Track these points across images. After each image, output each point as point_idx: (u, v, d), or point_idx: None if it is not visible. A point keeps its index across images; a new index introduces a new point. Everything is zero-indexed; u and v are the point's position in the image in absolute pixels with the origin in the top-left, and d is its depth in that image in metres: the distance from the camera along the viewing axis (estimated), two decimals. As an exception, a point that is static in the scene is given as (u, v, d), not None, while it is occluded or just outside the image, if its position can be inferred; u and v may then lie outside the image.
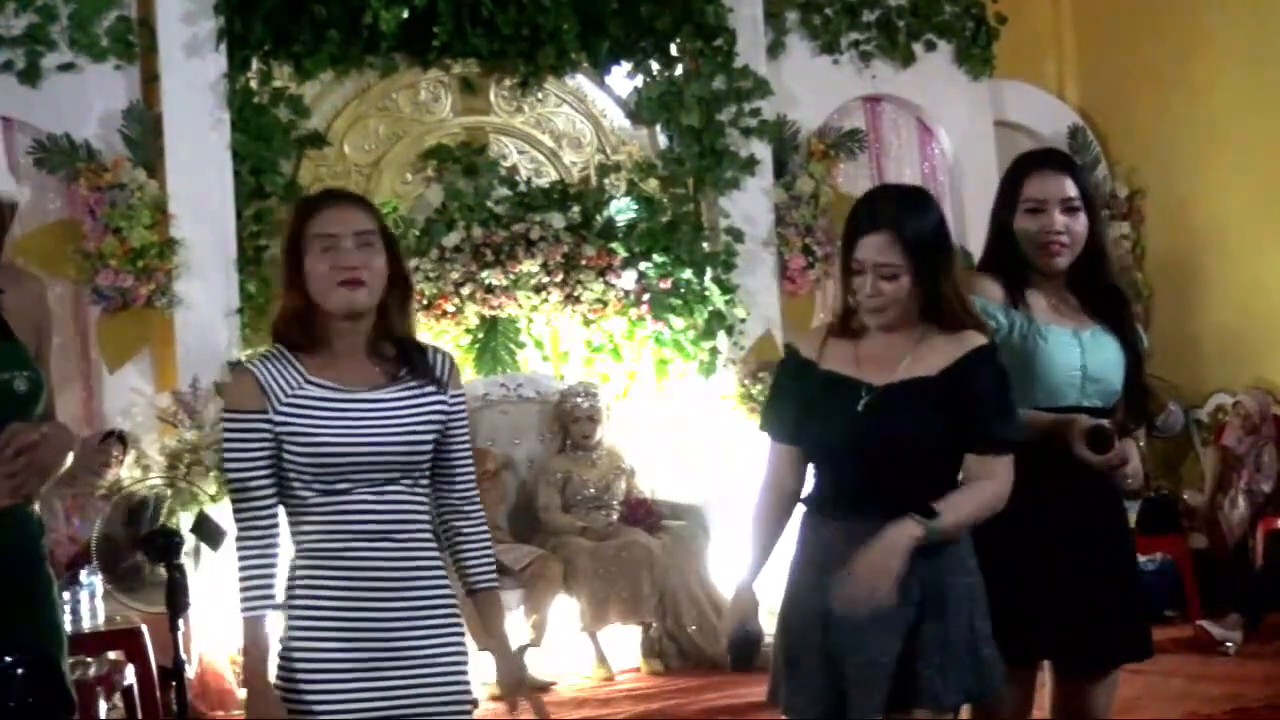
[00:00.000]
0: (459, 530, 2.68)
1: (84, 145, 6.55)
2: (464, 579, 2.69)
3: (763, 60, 7.57)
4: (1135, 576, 3.10)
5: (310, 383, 2.58)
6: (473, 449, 2.75)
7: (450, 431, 2.64)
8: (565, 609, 6.21)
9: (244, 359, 6.53)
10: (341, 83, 7.17)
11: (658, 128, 7.57)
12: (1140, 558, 7.03)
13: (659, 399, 7.32)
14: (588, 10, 7.22)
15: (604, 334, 7.28)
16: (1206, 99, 7.79)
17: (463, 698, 2.62)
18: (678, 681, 6.01)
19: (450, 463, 2.66)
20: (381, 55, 7.02)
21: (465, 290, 6.90)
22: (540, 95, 7.48)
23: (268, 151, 6.81)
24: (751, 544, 2.85)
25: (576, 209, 7.14)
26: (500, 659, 2.67)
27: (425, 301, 6.76)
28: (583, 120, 7.58)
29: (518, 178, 7.30)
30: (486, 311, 7.04)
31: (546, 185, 7.29)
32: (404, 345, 2.63)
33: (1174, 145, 8.06)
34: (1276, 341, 7.44)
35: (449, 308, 6.94)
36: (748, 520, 2.88)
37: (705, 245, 7.34)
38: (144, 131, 6.64)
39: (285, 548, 2.65)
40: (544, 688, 5.97)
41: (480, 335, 7.13)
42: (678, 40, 7.48)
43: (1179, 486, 7.76)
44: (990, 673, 2.70)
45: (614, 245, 7.11)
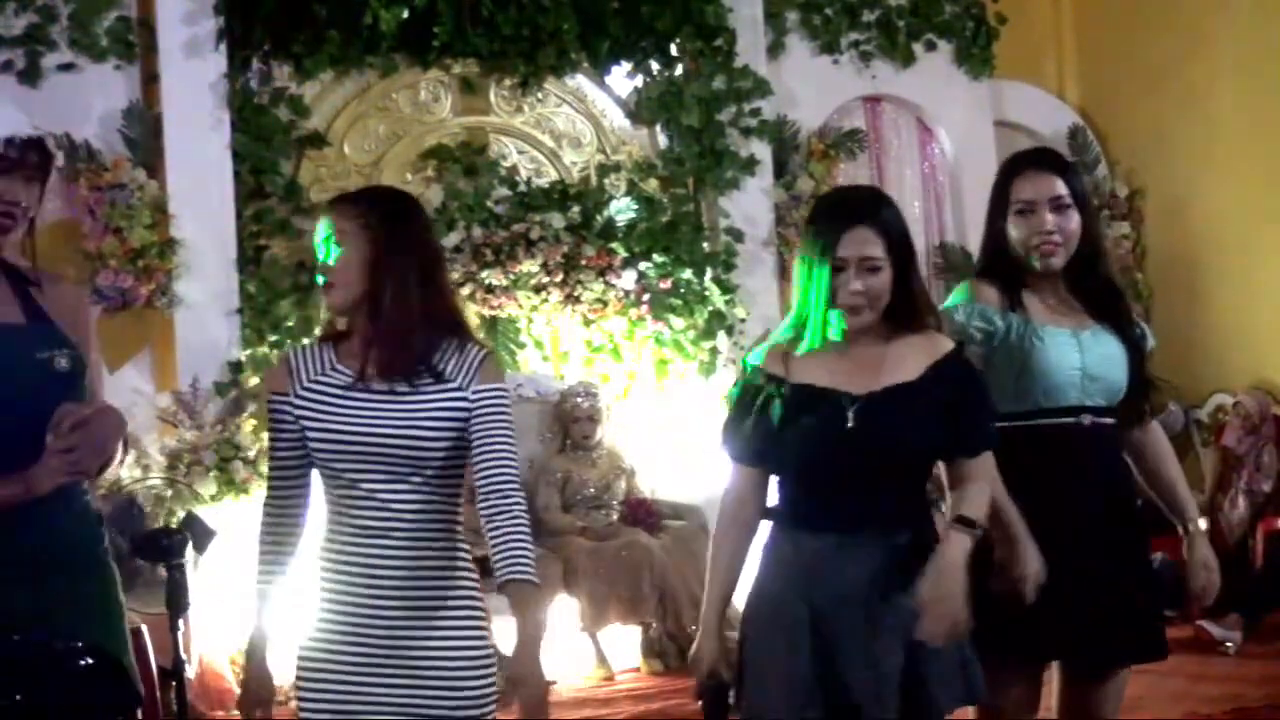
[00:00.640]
0: (491, 525, 2.57)
1: (84, 145, 6.55)
2: (495, 573, 2.58)
3: (763, 60, 7.57)
4: (1150, 576, 3.09)
5: (334, 370, 2.63)
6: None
7: (475, 428, 2.57)
8: (565, 609, 6.21)
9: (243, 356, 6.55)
10: (341, 83, 7.17)
11: (658, 128, 7.57)
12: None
13: (659, 399, 7.31)
14: (588, 10, 7.22)
15: (604, 334, 7.28)
16: (1206, 99, 7.79)
17: (466, 700, 2.58)
18: (677, 681, 6.00)
19: (479, 459, 2.57)
20: (381, 55, 7.02)
21: (465, 290, 6.90)
22: (540, 95, 7.48)
23: (268, 151, 6.82)
24: (717, 577, 2.72)
25: (576, 209, 7.14)
26: (513, 655, 2.55)
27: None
28: (583, 120, 7.58)
29: (518, 178, 7.30)
30: (486, 311, 7.04)
31: (546, 185, 7.29)
32: (405, 332, 2.58)
33: (1174, 145, 8.06)
34: (1276, 341, 7.44)
35: (449, 307, 6.93)
36: (712, 555, 2.73)
37: (705, 245, 7.35)
38: (144, 131, 6.64)
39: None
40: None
41: (480, 335, 7.12)
42: (678, 40, 7.48)
43: (1179, 487, 7.74)
44: (975, 674, 2.69)
45: (614, 245, 7.11)
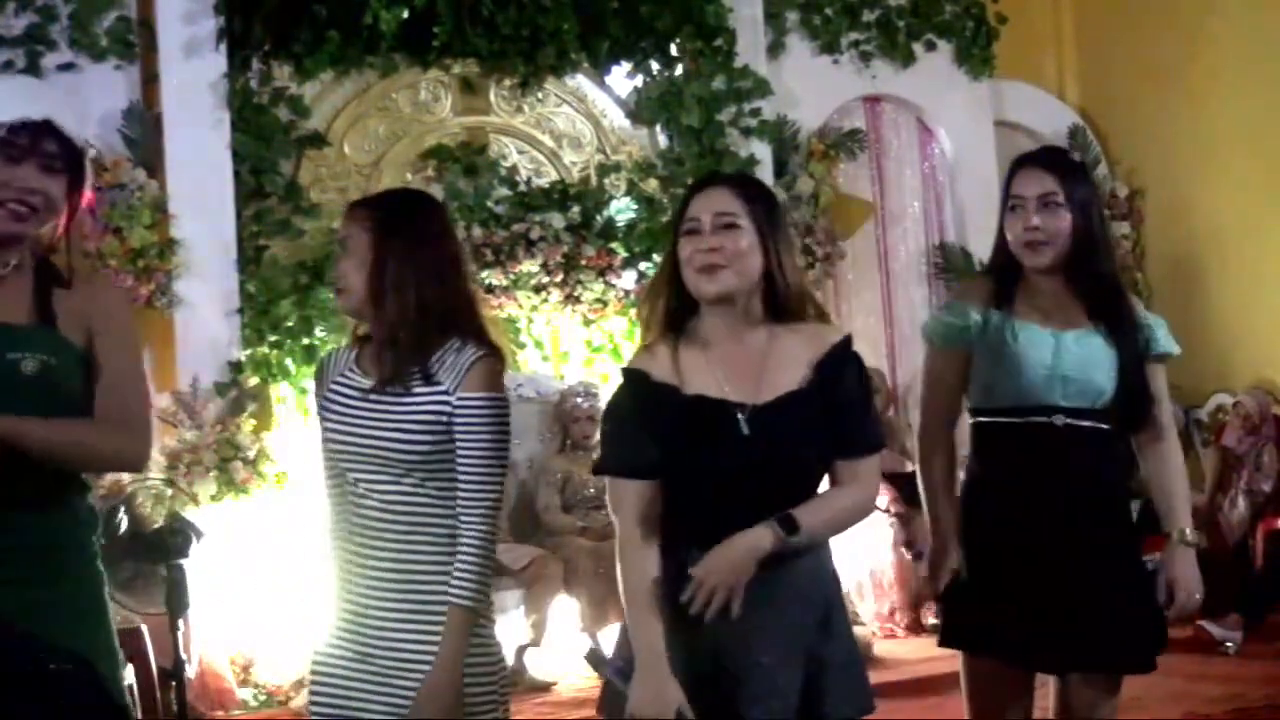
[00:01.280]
0: (458, 538, 2.56)
1: (84, 145, 6.53)
2: None
3: (763, 60, 7.57)
4: (1140, 581, 3.02)
5: (351, 372, 2.65)
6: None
7: (455, 434, 2.55)
8: (565, 609, 6.21)
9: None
10: (341, 83, 7.17)
11: (658, 128, 7.57)
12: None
13: (659, 399, 7.30)
14: (588, 10, 7.22)
15: (604, 334, 7.28)
16: (1206, 99, 7.79)
17: (464, 700, 2.55)
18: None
19: (456, 466, 2.55)
20: (381, 55, 7.02)
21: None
22: (540, 95, 7.48)
23: (268, 151, 6.82)
24: (644, 610, 2.44)
25: (576, 209, 7.14)
26: (426, 677, 2.49)
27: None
28: (583, 120, 7.58)
29: (518, 178, 7.30)
30: (486, 312, 7.03)
31: (546, 185, 7.30)
32: (398, 336, 2.58)
33: (1174, 145, 8.06)
34: (1276, 341, 7.44)
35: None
36: (629, 587, 2.47)
37: (705, 245, 7.34)
38: (144, 131, 6.64)
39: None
40: (545, 687, 5.99)
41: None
42: (678, 40, 7.48)
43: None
44: (867, 685, 2.57)
45: (614, 245, 7.11)
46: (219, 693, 5.87)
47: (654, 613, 2.43)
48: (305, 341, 6.60)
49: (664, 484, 2.49)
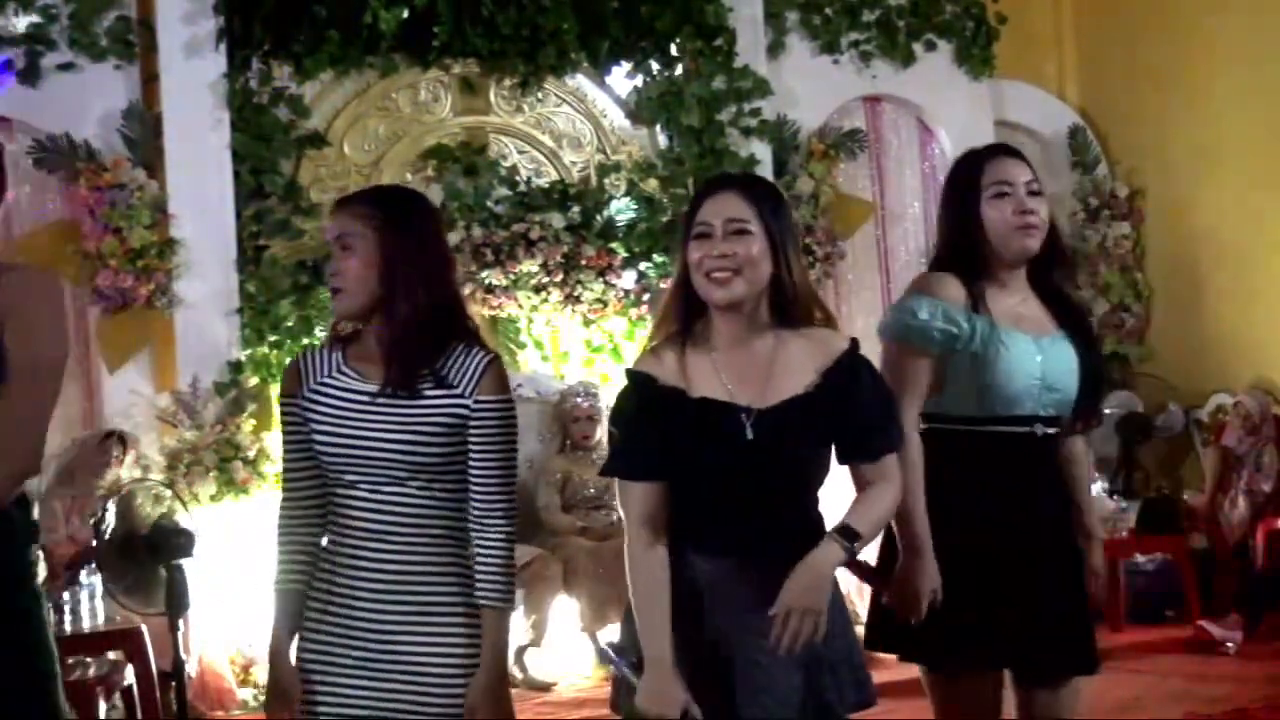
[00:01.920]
0: (474, 542, 2.59)
1: (84, 145, 6.55)
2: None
3: (763, 60, 7.57)
4: (1083, 586, 3.02)
5: (341, 372, 2.62)
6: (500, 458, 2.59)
7: (472, 437, 2.55)
8: (565, 609, 6.21)
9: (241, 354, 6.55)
10: (341, 83, 7.16)
11: (658, 128, 7.57)
12: (1140, 558, 7.11)
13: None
14: (588, 10, 7.22)
15: (604, 334, 7.28)
16: (1206, 99, 7.79)
17: (459, 702, 2.56)
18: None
19: (471, 470, 2.56)
20: (381, 55, 7.02)
21: (465, 290, 6.89)
22: (540, 95, 7.48)
23: (268, 151, 6.81)
24: (652, 610, 2.48)
25: (576, 209, 7.15)
26: (473, 681, 2.55)
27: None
28: (583, 120, 7.58)
29: (518, 178, 7.30)
30: (486, 311, 7.04)
31: (546, 185, 7.30)
32: (413, 337, 2.56)
33: (1174, 145, 8.07)
34: (1276, 341, 7.44)
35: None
36: (639, 586, 2.51)
37: (705, 245, 7.34)
38: (144, 131, 6.64)
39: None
40: (545, 687, 5.99)
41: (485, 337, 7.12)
42: (678, 40, 7.48)
43: (1179, 486, 7.76)
44: (869, 678, 2.63)
45: (614, 245, 7.11)
46: (219, 693, 5.88)
47: (662, 613, 2.47)
48: (305, 341, 6.60)
49: (668, 485, 2.51)
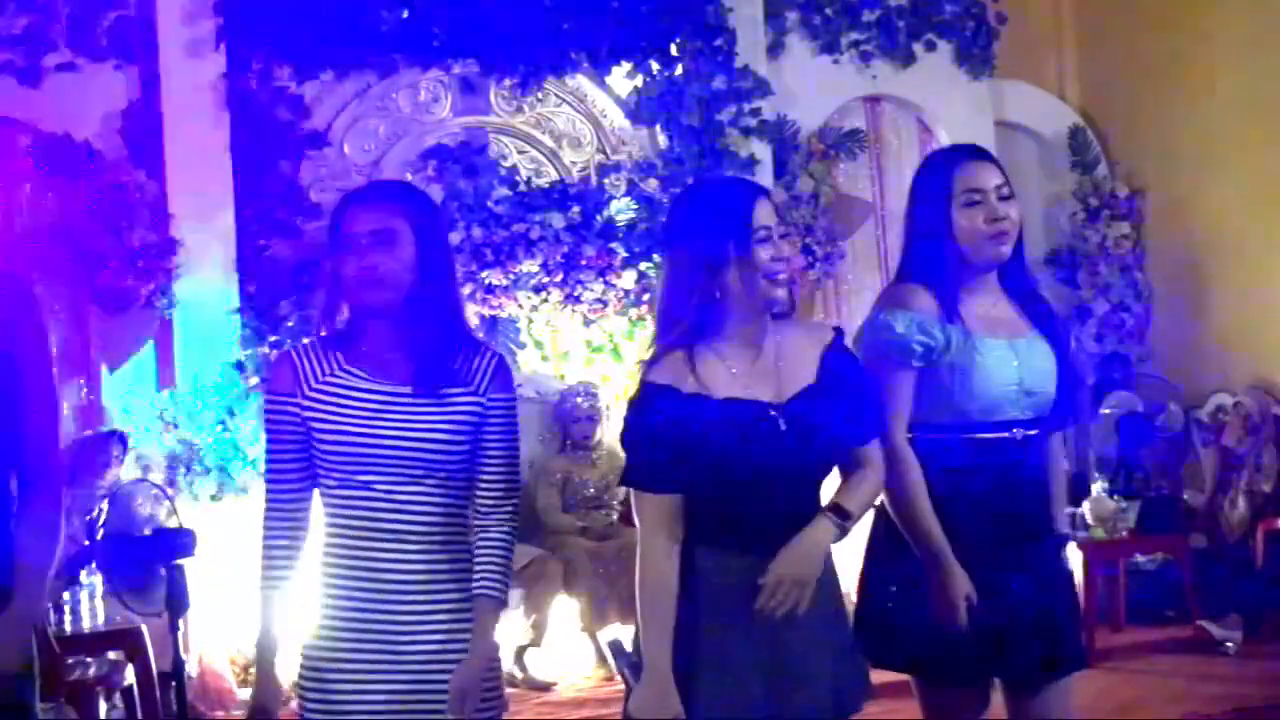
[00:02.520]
0: (478, 535, 2.59)
1: (84, 145, 6.55)
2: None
3: (763, 60, 7.57)
4: (1069, 585, 3.04)
5: (344, 371, 2.60)
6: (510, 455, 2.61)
7: (482, 434, 2.57)
8: (565, 609, 6.21)
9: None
10: (341, 83, 7.16)
11: (658, 128, 7.57)
12: (1140, 558, 7.11)
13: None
14: (588, 10, 7.22)
15: (604, 334, 7.28)
16: (1206, 99, 7.79)
17: (485, 705, 2.57)
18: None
19: (480, 466, 2.58)
20: (381, 55, 7.01)
21: (465, 290, 6.90)
22: (540, 95, 7.48)
23: (268, 152, 6.81)
24: (658, 618, 2.48)
25: (576, 209, 7.14)
26: (460, 667, 2.54)
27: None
28: (583, 120, 7.58)
29: (518, 178, 7.30)
30: (486, 311, 7.04)
31: (546, 185, 7.29)
32: (445, 338, 2.57)
33: (1174, 145, 8.06)
34: (1276, 341, 7.44)
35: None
36: (650, 594, 2.50)
37: (705, 245, 7.34)
38: (144, 131, 6.63)
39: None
40: (545, 687, 5.99)
41: (480, 335, 7.12)
42: (678, 40, 7.48)
43: (1179, 486, 7.76)
44: (867, 670, 2.71)
45: (614, 245, 7.11)
46: (219, 693, 5.87)
47: (667, 623, 2.48)
48: (305, 341, 6.58)
49: (695, 488, 2.50)
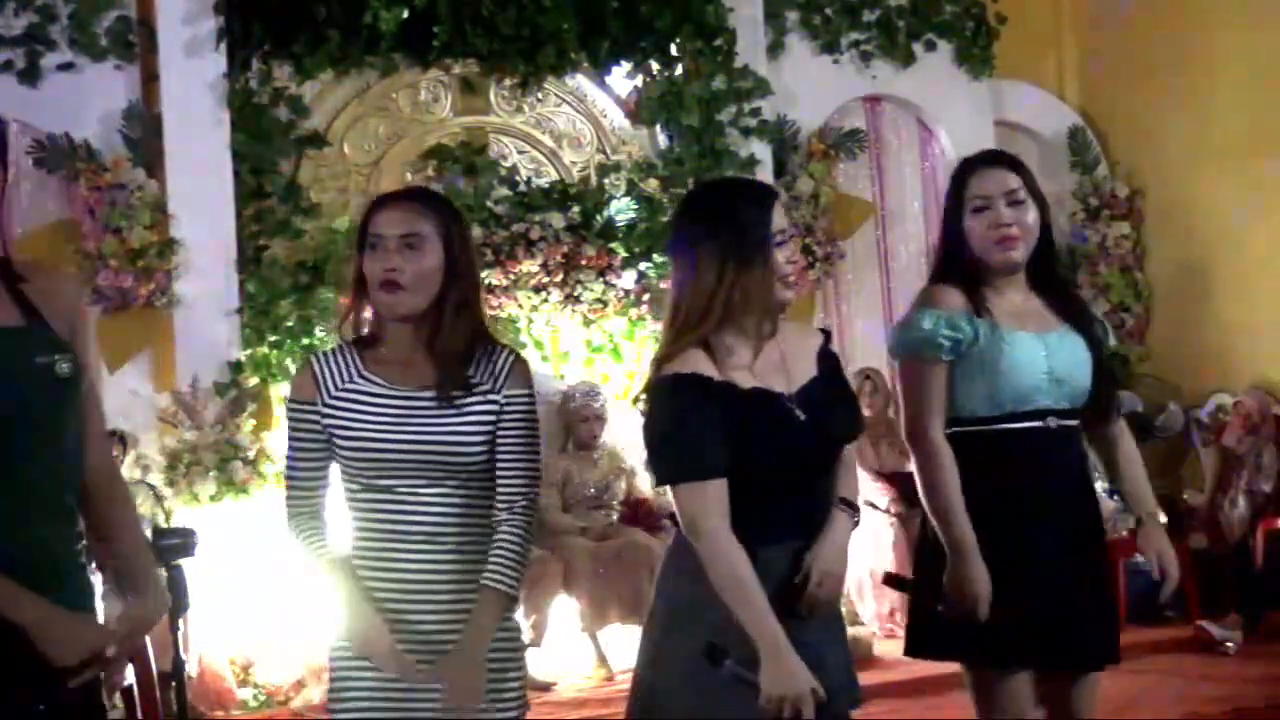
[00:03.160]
0: (496, 529, 2.59)
1: (84, 145, 6.55)
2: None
3: (763, 60, 7.57)
4: (1110, 579, 3.13)
5: (363, 377, 2.60)
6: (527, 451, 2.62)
7: (500, 432, 2.58)
8: (565, 609, 6.21)
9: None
10: (341, 83, 7.16)
11: (658, 128, 7.57)
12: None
13: (659, 399, 7.30)
14: (588, 10, 7.23)
15: (604, 334, 7.28)
16: (1206, 99, 7.79)
17: (506, 700, 2.59)
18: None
19: (499, 463, 2.59)
20: (381, 55, 7.01)
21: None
22: (540, 95, 7.48)
23: (268, 151, 6.81)
24: (755, 600, 2.48)
25: (576, 209, 7.14)
26: (452, 652, 2.53)
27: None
28: (583, 120, 7.58)
29: (518, 178, 7.30)
30: (486, 311, 7.03)
31: (546, 185, 7.29)
32: (469, 346, 2.59)
33: (1174, 145, 8.06)
34: (1276, 341, 7.44)
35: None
36: (739, 584, 2.49)
37: (705, 245, 7.34)
38: (144, 131, 6.64)
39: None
40: (545, 687, 5.99)
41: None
42: (678, 40, 7.48)
43: (1179, 486, 7.76)
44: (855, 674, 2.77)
45: (614, 245, 7.11)
46: (219, 693, 5.88)
47: (764, 600, 2.48)
48: (305, 341, 6.60)
49: (735, 479, 2.56)
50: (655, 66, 7.52)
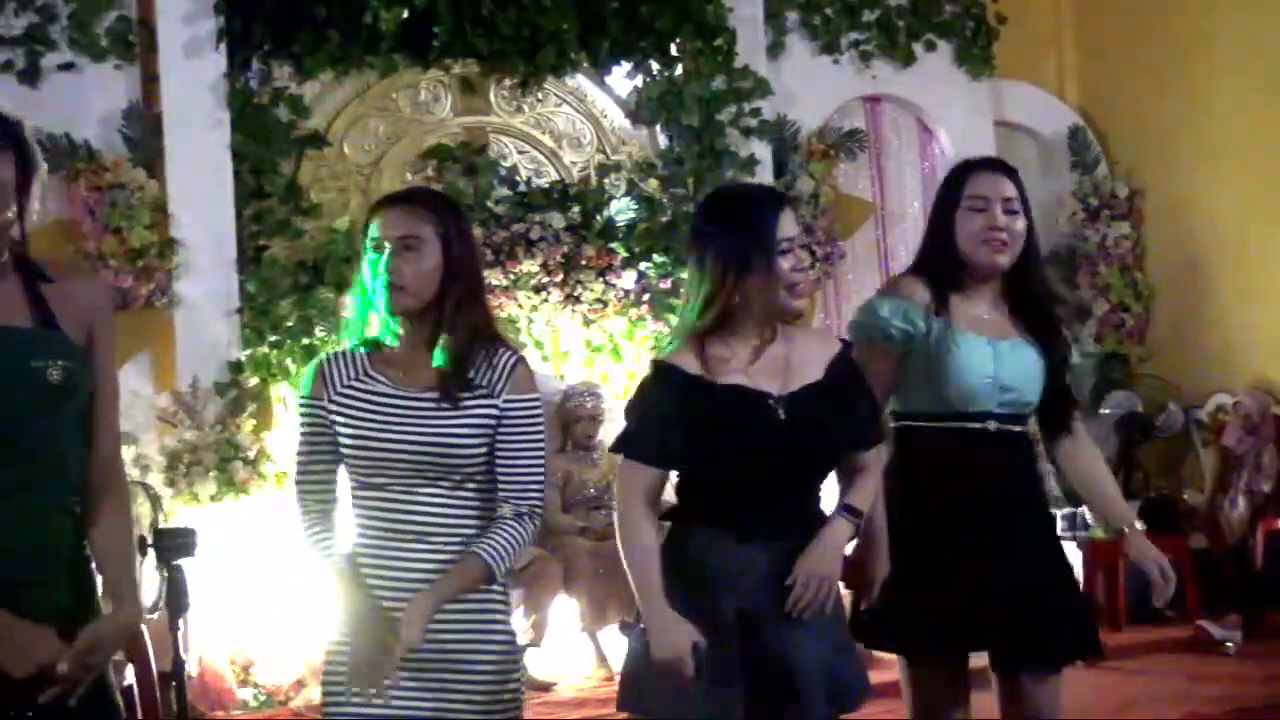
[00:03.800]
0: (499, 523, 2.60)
1: (84, 145, 6.54)
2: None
3: (763, 60, 7.57)
4: (1068, 576, 3.15)
5: (369, 376, 2.63)
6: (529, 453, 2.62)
7: (501, 436, 2.58)
8: (565, 609, 6.21)
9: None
10: (341, 83, 7.16)
11: (658, 128, 7.57)
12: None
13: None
14: (588, 10, 7.23)
15: (604, 334, 7.28)
16: (1206, 99, 7.79)
17: (503, 701, 2.60)
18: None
19: (500, 468, 2.59)
20: (381, 55, 7.01)
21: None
22: (540, 95, 7.48)
23: (268, 151, 6.81)
24: (648, 571, 2.61)
25: (576, 209, 7.14)
26: (410, 602, 2.52)
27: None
28: (583, 120, 7.58)
29: (518, 178, 7.30)
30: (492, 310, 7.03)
31: (546, 185, 7.29)
32: (469, 345, 2.60)
33: (1174, 145, 8.07)
34: (1276, 341, 7.44)
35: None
36: (638, 555, 2.63)
37: (705, 245, 7.34)
38: (144, 131, 6.64)
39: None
40: (545, 687, 5.99)
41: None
42: (678, 40, 7.48)
43: (1179, 486, 7.76)
44: (865, 670, 2.78)
45: (614, 245, 7.11)
46: (219, 693, 5.88)
47: (655, 573, 2.60)
48: (305, 341, 6.60)
49: (693, 469, 2.66)
50: (655, 66, 7.52)
